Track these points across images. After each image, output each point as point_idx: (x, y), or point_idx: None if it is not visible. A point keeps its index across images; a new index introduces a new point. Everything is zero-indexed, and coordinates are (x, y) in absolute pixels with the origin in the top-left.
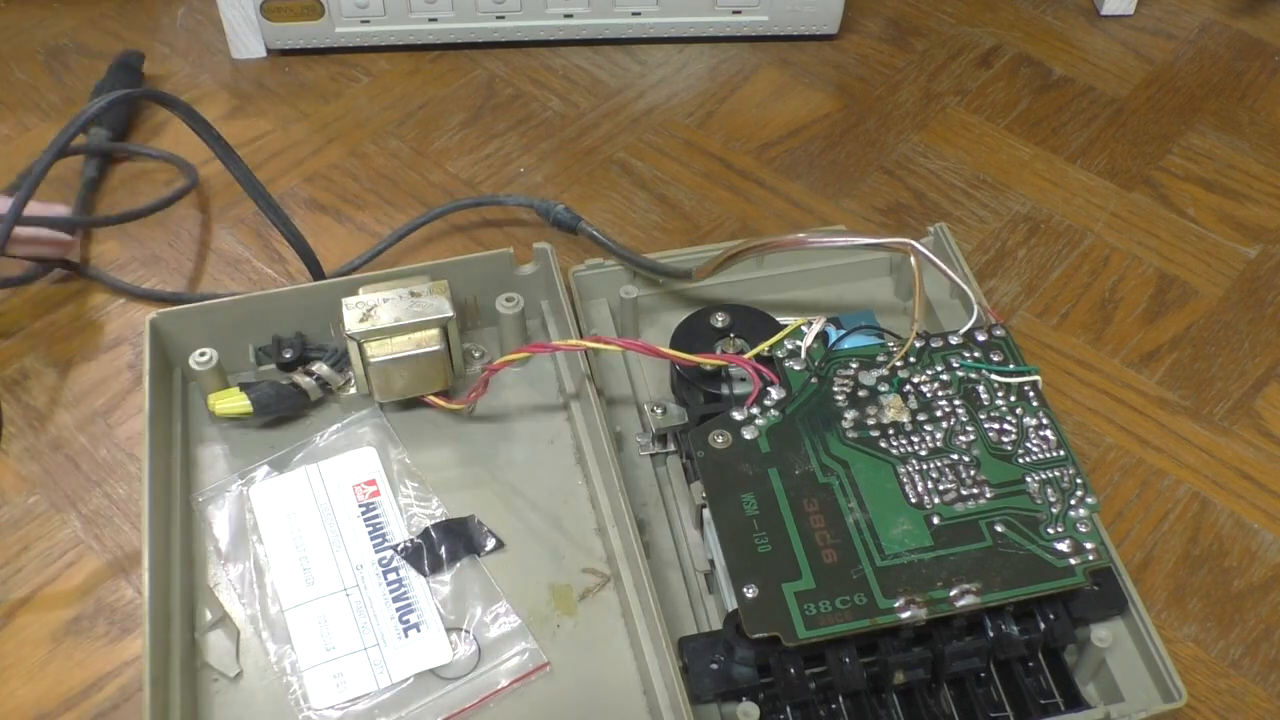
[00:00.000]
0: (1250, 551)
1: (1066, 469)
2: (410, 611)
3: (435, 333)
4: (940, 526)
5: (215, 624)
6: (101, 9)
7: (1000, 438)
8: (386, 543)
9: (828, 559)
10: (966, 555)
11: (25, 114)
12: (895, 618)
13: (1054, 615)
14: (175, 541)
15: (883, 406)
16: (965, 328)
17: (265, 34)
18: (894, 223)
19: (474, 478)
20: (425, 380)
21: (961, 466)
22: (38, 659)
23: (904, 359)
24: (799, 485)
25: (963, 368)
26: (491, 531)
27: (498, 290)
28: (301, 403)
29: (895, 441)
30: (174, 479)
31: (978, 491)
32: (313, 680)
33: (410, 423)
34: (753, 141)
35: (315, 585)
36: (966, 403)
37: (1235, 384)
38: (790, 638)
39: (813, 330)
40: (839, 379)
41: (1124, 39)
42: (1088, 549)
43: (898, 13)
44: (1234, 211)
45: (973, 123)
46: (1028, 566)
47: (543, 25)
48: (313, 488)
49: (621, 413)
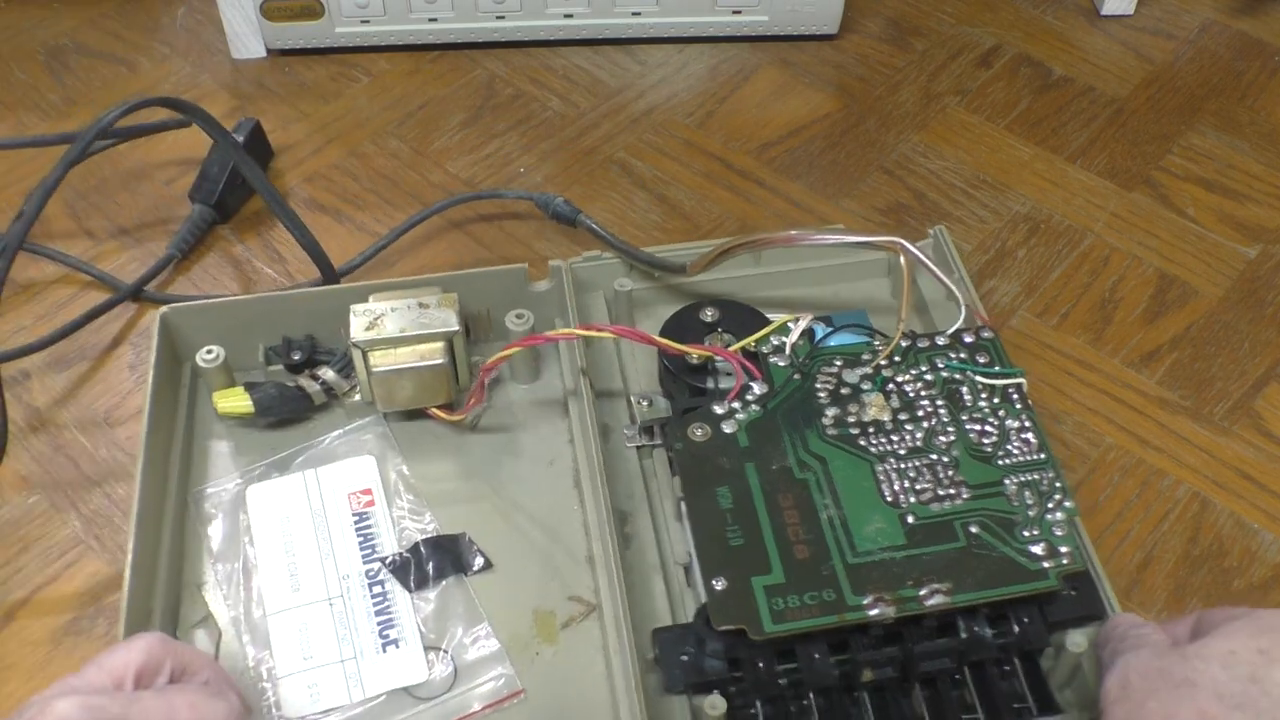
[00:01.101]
0: (1250, 551)
1: (1046, 472)
2: (391, 626)
3: (440, 345)
4: (914, 526)
5: (199, 623)
6: (101, 9)
7: (981, 439)
8: (375, 554)
9: (799, 554)
10: (939, 555)
11: (25, 114)
12: (863, 615)
13: (1027, 619)
14: (166, 536)
15: (864, 405)
16: (952, 328)
17: (265, 34)
18: (894, 223)
19: (470, 493)
20: (429, 392)
21: (940, 466)
22: (38, 659)
23: (889, 358)
24: (775, 480)
25: (947, 368)
26: (481, 551)
27: (510, 304)
28: (305, 406)
29: (875, 440)
30: (171, 472)
31: (955, 492)
32: (287, 688)
33: (413, 433)
34: (753, 141)
35: (300, 592)
36: (949, 403)
37: (1235, 384)
38: (757, 631)
39: (799, 327)
40: (822, 376)
41: (1124, 39)
42: (1062, 553)
43: (898, 13)
44: (1234, 211)
45: (973, 123)
46: (1000, 568)
47: (543, 25)
48: (309, 493)
49: (611, 405)
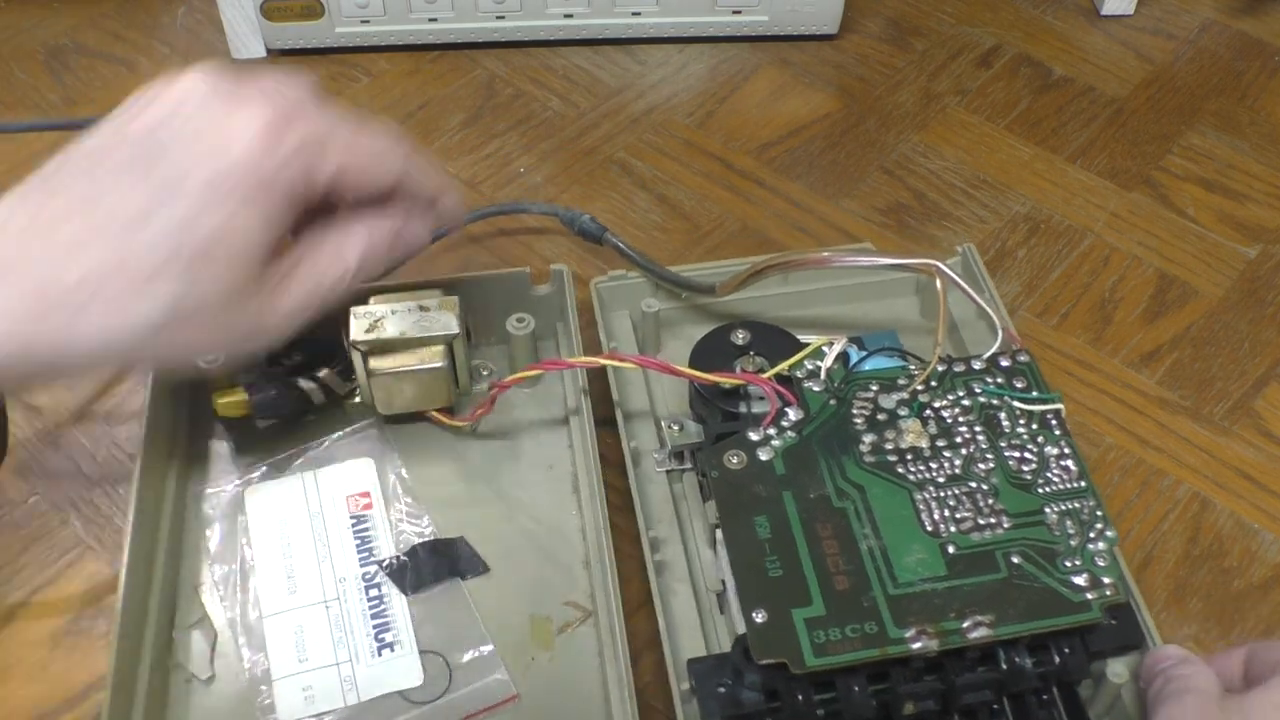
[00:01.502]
0: (1250, 551)
1: (1087, 500)
2: (386, 630)
3: (440, 349)
4: (955, 556)
5: (195, 624)
6: (101, 9)
7: (1020, 466)
8: (373, 557)
9: (839, 585)
10: (981, 586)
11: (25, 114)
12: (906, 648)
13: (1069, 649)
14: (163, 537)
15: (902, 431)
16: (989, 352)
17: (265, 34)
18: (894, 223)
19: (469, 497)
20: (428, 396)
21: (979, 495)
22: (38, 659)
23: (925, 383)
24: (813, 509)
25: (985, 393)
26: (478, 555)
27: (512, 308)
28: (305, 408)
29: (913, 467)
30: (170, 473)
31: (995, 521)
32: (281, 691)
33: (412, 436)
34: (753, 141)
35: (297, 594)
36: (987, 429)
37: (1235, 384)
38: (798, 665)
39: (833, 351)
40: (858, 401)
41: (1124, 39)
42: (1105, 584)
43: (898, 13)
44: (1234, 211)
45: (973, 123)
46: (1043, 600)
47: (543, 25)
48: (307, 495)
49: (639, 428)
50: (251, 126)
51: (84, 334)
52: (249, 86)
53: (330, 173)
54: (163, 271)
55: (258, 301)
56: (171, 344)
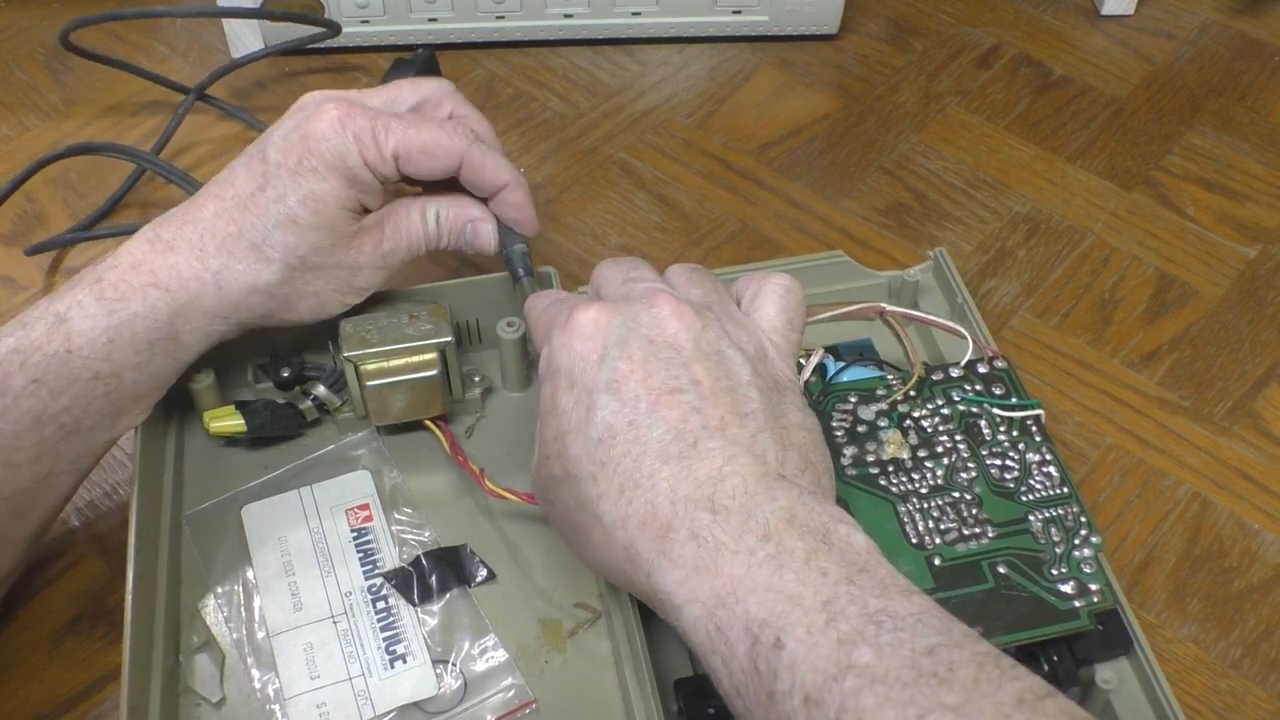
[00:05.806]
0: (1250, 552)
1: (1070, 506)
2: (397, 642)
3: (433, 357)
4: (942, 568)
5: (200, 647)
6: (101, 9)
7: (1003, 474)
8: (377, 569)
9: None
10: (969, 597)
11: (25, 114)
12: None
13: (1057, 657)
14: (163, 561)
15: (882, 442)
16: (965, 359)
17: (265, 34)
18: (894, 223)
19: (469, 503)
20: (422, 404)
21: (963, 505)
22: (38, 660)
23: (905, 395)
24: None
25: (964, 401)
26: (483, 561)
27: (499, 313)
28: (298, 423)
29: (895, 479)
30: (164, 496)
31: (980, 531)
32: (296, 710)
33: (407, 446)
34: (753, 141)
35: (303, 611)
36: (968, 438)
37: (1235, 384)
38: None
39: (811, 362)
40: (837, 414)
41: (1124, 39)
42: (1092, 590)
43: (898, 13)
44: (1234, 211)
45: (973, 123)
46: (1031, 609)
47: (543, 25)
48: (305, 511)
49: None
50: (322, 122)
51: (231, 282)
52: (343, 94)
53: (389, 153)
54: (271, 235)
55: (353, 252)
56: (297, 290)
